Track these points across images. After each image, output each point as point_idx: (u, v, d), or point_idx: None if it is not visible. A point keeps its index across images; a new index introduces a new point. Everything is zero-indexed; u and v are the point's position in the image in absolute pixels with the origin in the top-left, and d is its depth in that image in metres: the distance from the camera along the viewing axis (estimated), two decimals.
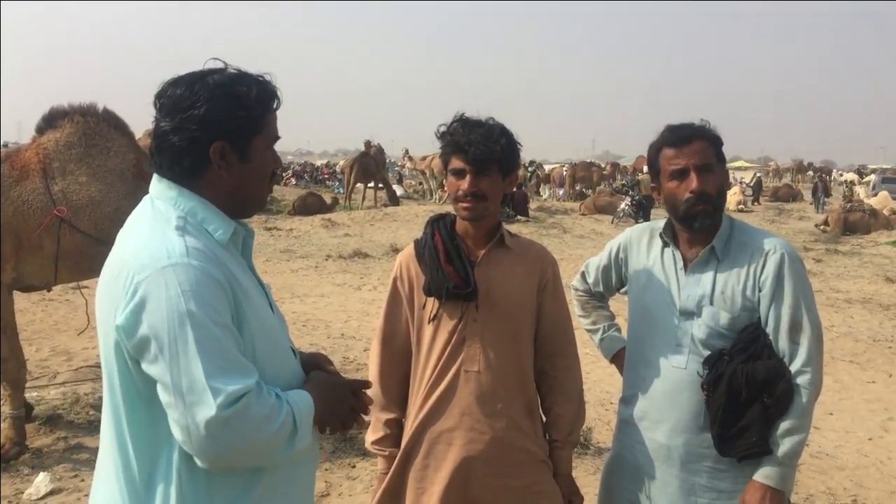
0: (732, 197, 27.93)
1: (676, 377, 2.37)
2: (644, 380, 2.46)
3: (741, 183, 35.31)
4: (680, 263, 2.43)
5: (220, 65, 1.68)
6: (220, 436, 1.49)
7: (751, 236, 2.40)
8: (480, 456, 2.34)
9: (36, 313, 8.36)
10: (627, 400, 2.54)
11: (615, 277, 2.69)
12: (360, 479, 4.56)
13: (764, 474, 2.23)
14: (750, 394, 2.22)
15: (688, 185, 2.32)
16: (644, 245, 2.56)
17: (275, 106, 1.72)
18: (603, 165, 38.96)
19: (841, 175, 52.10)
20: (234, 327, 1.56)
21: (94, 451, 5.08)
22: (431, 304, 2.40)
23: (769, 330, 2.30)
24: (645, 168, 31.58)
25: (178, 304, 1.49)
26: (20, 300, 5.58)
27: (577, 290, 2.86)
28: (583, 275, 2.82)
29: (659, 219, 2.62)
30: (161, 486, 1.58)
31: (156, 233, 1.60)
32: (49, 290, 5.18)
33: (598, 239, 18.23)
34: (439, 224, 2.46)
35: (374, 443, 2.51)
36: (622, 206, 21.69)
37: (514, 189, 21.52)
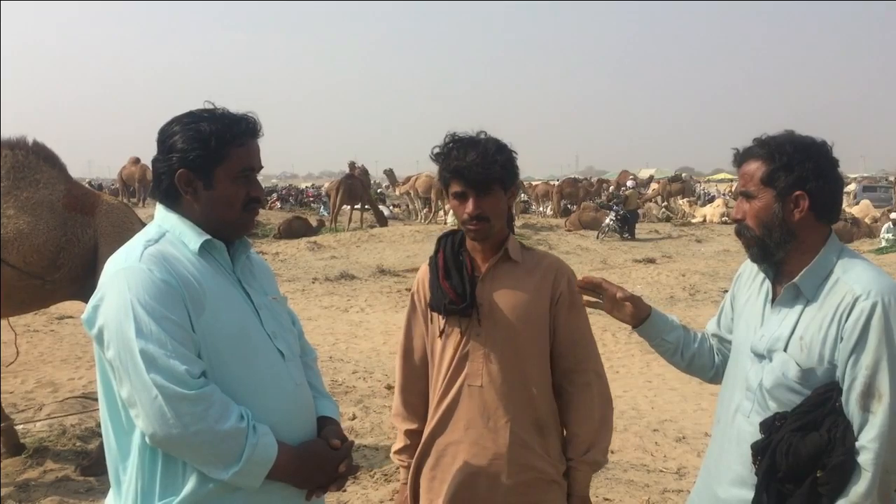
0: (715, 209, 28.13)
1: (741, 426, 2.12)
2: (718, 423, 2.27)
3: (724, 195, 35.57)
4: (770, 296, 2.15)
5: (209, 105, 1.94)
6: (150, 407, 1.69)
7: (851, 275, 1.98)
8: (483, 471, 2.34)
9: (20, 345, 8.26)
10: (710, 444, 2.34)
11: (725, 314, 2.40)
12: (350, 503, 4.53)
13: None
14: (790, 471, 1.91)
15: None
16: (754, 273, 2.26)
17: (242, 142, 1.93)
18: (591, 180, 39.11)
19: None
20: (184, 323, 1.76)
21: (82, 483, 5.04)
22: (438, 319, 2.43)
23: (843, 391, 1.93)
24: (629, 182, 31.78)
25: (124, 299, 1.74)
26: (3, 332, 5.54)
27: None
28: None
29: (643, 233, 2.57)
30: (129, 461, 1.82)
31: (128, 245, 1.88)
32: None
33: (583, 255, 18.29)
34: (446, 240, 2.48)
35: (395, 453, 2.58)
36: (606, 220, 21.78)
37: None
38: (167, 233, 1.90)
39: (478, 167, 2.28)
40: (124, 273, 1.78)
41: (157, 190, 1.95)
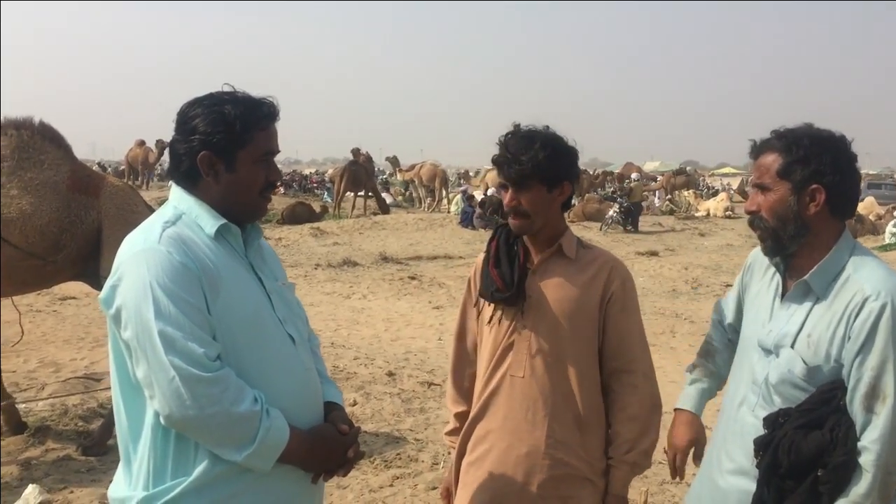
0: (719, 203, 28.07)
1: (745, 419, 2.13)
2: (724, 415, 2.27)
3: (728, 189, 35.51)
4: (780, 291, 2.14)
5: (228, 88, 1.94)
6: (167, 388, 1.71)
7: (862, 273, 1.97)
8: (517, 463, 2.35)
9: (23, 324, 8.30)
10: (713, 434, 2.36)
11: (738, 305, 2.40)
12: (350, 488, 4.55)
13: None
14: (792, 469, 1.92)
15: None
16: (765, 265, 2.24)
17: (265, 125, 1.94)
18: (592, 173, 39.03)
19: None
20: (201, 306, 1.77)
21: (83, 462, 5.06)
22: (487, 307, 2.44)
23: (848, 391, 1.92)
24: (634, 175, 31.66)
25: (143, 281, 1.75)
26: (7, 312, 5.57)
27: (712, 319, 2.58)
28: (718, 303, 2.56)
29: (648, 226, 2.58)
30: (141, 441, 1.83)
31: (146, 226, 1.89)
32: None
33: None
34: (503, 229, 2.48)
35: (446, 434, 2.64)
36: (610, 213, 21.74)
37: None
38: (183, 215, 1.90)
39: (511, 161, 2.31)
40: (143, 254, 1.79)
41: (177, 171, 1.94)
